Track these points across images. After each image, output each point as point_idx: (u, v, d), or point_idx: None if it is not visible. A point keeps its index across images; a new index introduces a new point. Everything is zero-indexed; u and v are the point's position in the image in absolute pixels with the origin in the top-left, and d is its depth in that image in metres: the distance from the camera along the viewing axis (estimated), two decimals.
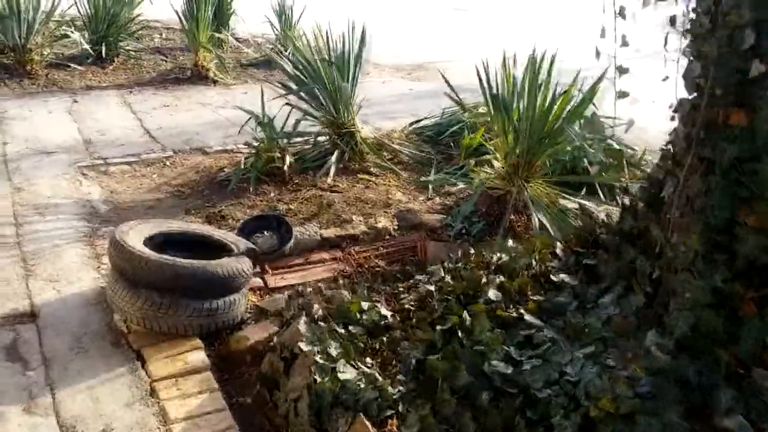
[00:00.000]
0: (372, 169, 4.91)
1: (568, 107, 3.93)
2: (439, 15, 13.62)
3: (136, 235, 3.04)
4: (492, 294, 2.65)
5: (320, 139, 5.03)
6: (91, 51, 7.22)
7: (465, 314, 2.56)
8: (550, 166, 4.38)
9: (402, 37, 5.03)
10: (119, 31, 7.47)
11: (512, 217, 4.14)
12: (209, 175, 4.72)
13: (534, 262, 2.93)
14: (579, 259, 2.84)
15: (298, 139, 5.04)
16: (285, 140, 4.71)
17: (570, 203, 4.31)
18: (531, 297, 2.66)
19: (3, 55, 6.76)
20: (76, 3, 7.41)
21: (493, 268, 2.98)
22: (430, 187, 4.70)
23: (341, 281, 3.59)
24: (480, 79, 4.20)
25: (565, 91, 3.83)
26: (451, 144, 5.34)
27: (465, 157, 5.03)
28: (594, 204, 4.38)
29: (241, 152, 5.18)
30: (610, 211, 4.16)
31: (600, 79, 3.96)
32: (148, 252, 2.88)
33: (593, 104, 3.93)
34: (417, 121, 5.88)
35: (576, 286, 2.69)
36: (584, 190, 4.51)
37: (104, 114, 5.86)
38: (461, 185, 4.67)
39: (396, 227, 4.08)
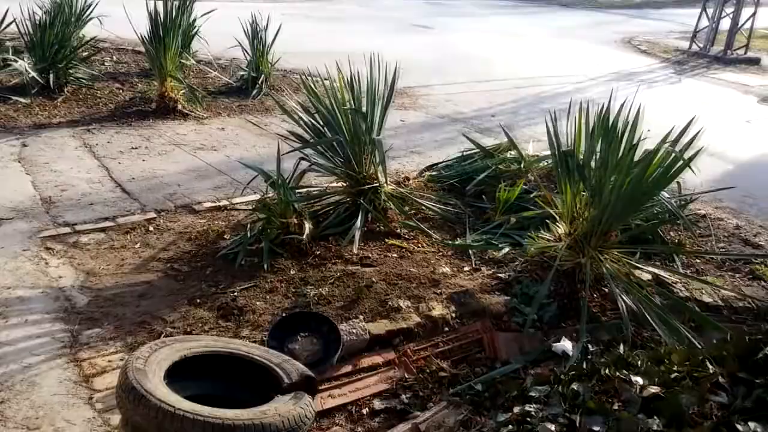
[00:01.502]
0: (399, 230, 4.16)
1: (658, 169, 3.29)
2: (400, 32, 12.97)
3: (154, 372, 2.20)
4: None
5: (338, 197, 4.24)
6: (38, 79, 6.16)
7: None
8: (621, 233, 3.74)
9: (372, 57, 4.25)
10: (70, 57, 6.43)
11: (583, 293, 3.49)
12: (206, 244, 3.86)
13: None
14: (757, 394, 2.19)
15: (312, 198, 4.23)
16: (302, 202, 3.88)
17: (644, 274, 3.70)
18: None
19: None
20: (15, 22, 6.34)
21: (638, 399, 2.29)
22: (472, 253, 3.99)
23: (403, 396, 2.86)
24: (549, 134, 3.51)
25: (655, 150, 3.19)
26: (482, 196, 4.64)
27: (502, 214, 4.36)
28: (667, 273, 3.81)
29: (237, 209, 4.35)
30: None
31: (691, 137, 3.36)
32: (181, 405, 2.04)
33: (690, 167, 3.30)
34: (432, 166, 5.19)
35: None
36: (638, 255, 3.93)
37: (62, 161, 4.86)
38: (507, 249, 3.99)
39: (453, 314, 3.35)
